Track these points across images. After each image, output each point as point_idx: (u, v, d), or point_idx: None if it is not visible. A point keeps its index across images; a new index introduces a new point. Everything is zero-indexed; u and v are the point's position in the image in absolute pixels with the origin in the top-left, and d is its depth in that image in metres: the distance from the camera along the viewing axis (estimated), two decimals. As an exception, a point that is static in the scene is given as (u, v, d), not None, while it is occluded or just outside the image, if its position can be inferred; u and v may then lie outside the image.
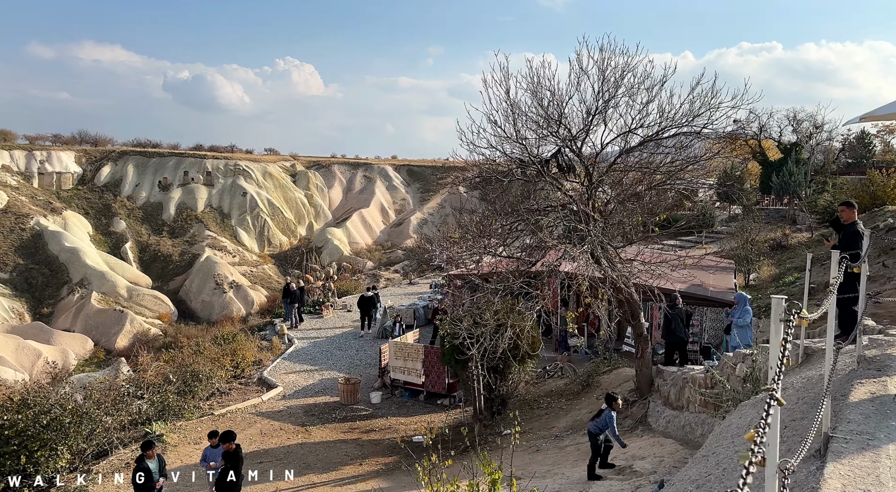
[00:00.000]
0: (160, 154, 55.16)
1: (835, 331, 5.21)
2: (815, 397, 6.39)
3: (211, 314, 45.49)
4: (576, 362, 18.70)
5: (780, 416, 6.53)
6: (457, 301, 12.54)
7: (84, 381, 22.93)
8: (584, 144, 13.03)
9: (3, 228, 44.65)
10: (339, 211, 56.19)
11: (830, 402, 4.59)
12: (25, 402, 11.86)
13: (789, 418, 6.10)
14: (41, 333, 41.26)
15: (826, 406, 4.41)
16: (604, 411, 9.53)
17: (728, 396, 9.03)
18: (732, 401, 9.02)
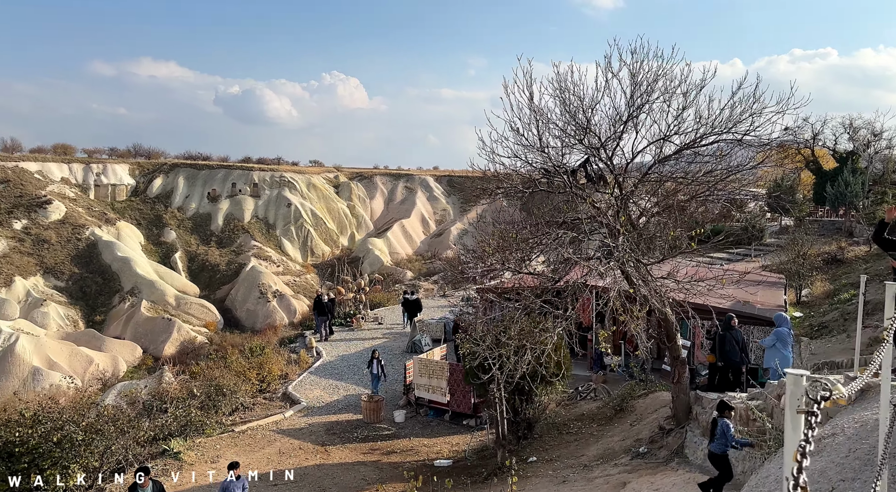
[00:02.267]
0: (209, 166, 56.08)
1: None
2: (869, 451, 5.31)
3: (255, 323, 45.70)
4: (611, 383, 17.54)
5: (828, 471, 5.44)
6: (476, 318, 11.68)
7: (128, 388, 22.96)
8: (615, 152, 12.06)
9: (60, 238, 45.92)
10: (381, 221, 55.96)
11: (888, 474, 3.59)
12: (37, 418, 11.54)
13: (838, 477, 5.05)
14: (93, 340, 42.12)
15: (883, 482, 3.42)
16: (718, 422, 8.33)
17: (771, 435, 7.93)
18: (775, 441, 7.91)
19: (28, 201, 46.62)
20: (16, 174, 47.91)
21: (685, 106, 11.48)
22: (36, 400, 30.21)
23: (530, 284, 11.68)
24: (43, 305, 42.41)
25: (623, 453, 12.62)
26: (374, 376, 17.20)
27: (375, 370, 17.17)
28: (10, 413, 15.49)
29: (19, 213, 45.70)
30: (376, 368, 17.21)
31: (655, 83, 11.62)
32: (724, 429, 8.05)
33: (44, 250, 45.02)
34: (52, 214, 46.82)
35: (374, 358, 17.44)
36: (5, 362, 36.71)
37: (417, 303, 23.21)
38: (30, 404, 12.91)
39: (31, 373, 36.87)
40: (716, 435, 8.25)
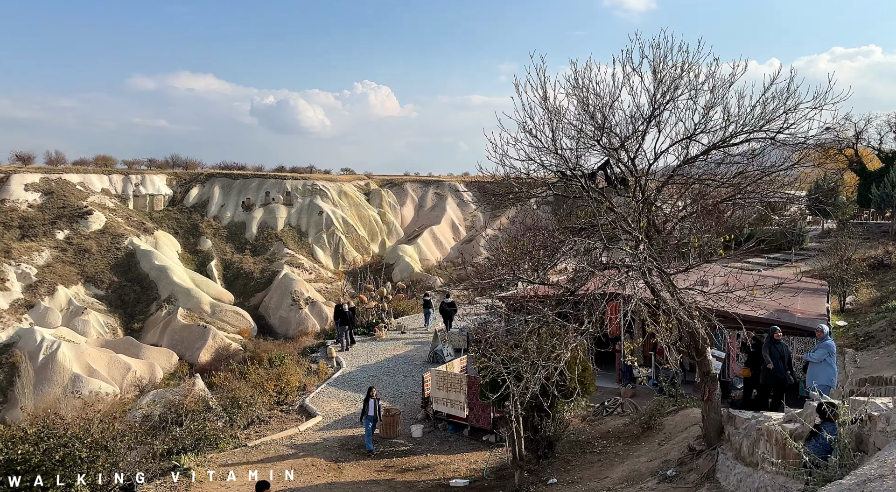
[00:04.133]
0: (244, 176, 56.50)
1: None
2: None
3: (288, 330, 45.66)
4: (641, 397, 16.48)
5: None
6: (486, 330, 10.87)
7: (161, 396, 22.78)
8: (637, 153, 11.12)
9: (100, 248, 46.67)
10: (411, 228, 55.51)
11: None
12: (39, 435, 11.15)
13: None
14: (131, 347, 42.57)
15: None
16: (820, 430, 6.98)
17: (806, 473, 6.90)
18: (814, 477, 6.89)
19: (70, 212, 47.56)
20: (59, 186, 48.96)
21: (713, 103, 10.49)
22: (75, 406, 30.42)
23: (547, 295, 10.82)
24: (84, 314, 43.06)
25: (650, 476, 11.61)
26: (370, 418, 14.49)
27: (371, 411, 14.47)
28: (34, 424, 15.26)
29: (62, 223, 46.61)
30: (373, 408, 14.46)
31: (680, 79, 10.67)
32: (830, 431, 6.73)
33: (85, 260, 45.80)
34: (93, 225, 47.65)
35: (370, 396, 14.60)
36: (47, 369, 37.29)
37: (453, 307, 22.86)
38: (35, 419, 12.57)
39: (72, 380, 37.38)
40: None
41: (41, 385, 36.40)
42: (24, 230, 45.16)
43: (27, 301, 41.43)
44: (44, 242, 44.95)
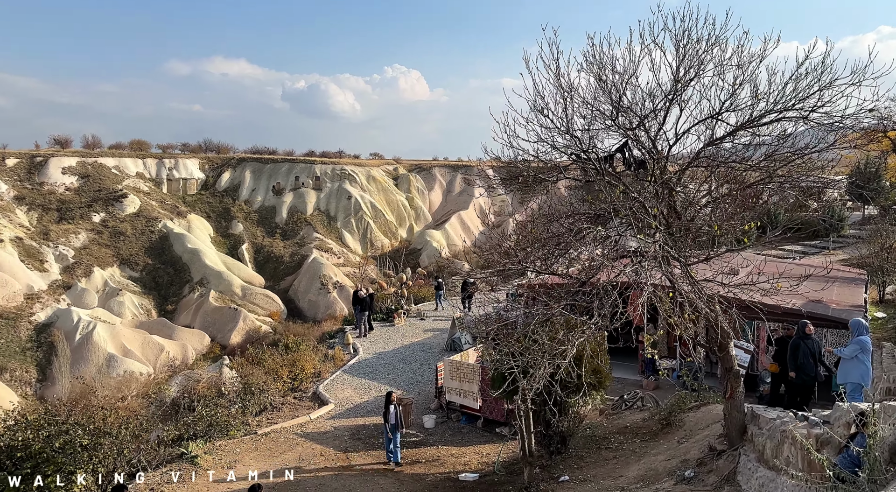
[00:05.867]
0: (274, 160, 56.57)
1: None
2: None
3: (317, 313, 45.70)
4: (663, 390, 15.68)
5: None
6: (488, 320, 10.22)
7: (190, 377, 22.83)
8: (659, 134, 10.27)
9: (135, 231, 47.29)
10: (439, 213, 54.91)
11: None
12: (40, 422, 10.96)
13: None
14: (165, 328, 43.15)
15: None
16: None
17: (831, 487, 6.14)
18: None
19: (106, 195, 48.24)
20: (95, 169, 49.67)
21: (742, 80, 9.56)
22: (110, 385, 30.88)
23: (557, 285, 10.13)
24: (119, 295, 43.76)
25: (667, 476, 10.89)
26: (392, 426, 12.93)
27: (393, 419, 12.93)
28: (84, 400, 15.18)
29: (98, 206, 47.33)
30: (394, 415, 12.94)
31: (706, 54, 9.76)
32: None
33: (120, 242, 46.47)
34: (128, 208, 48.28)
35: (390, 401, 13.05)
36: (83, 349, 38.00)
37: (472, 286, 22.35)
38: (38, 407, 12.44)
39: (107, 360, 38.02)
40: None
41: (77, 364, 37.12)
42: (62, 213, 45.98)
43: (65, 282, 42.24)
44: (80, 225, 45.71)
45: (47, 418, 11.14)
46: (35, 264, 41.86)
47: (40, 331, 38.41)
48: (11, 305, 38.52)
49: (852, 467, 6.14)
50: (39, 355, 37.63)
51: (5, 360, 35.82)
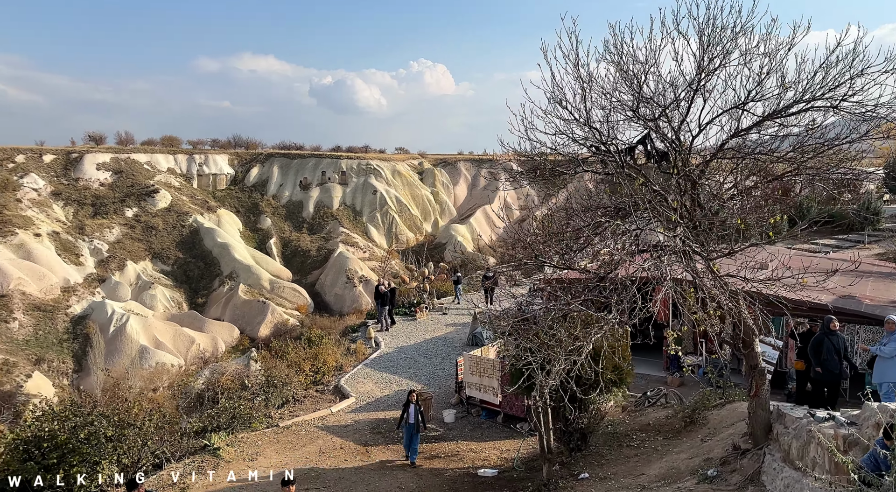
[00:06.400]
0: (301, 156, 56.96)
1: None
2: None
3: (343, 307, 45.96)
4: (689, 387, 15.35)
5: None
6: (506, 315, 10.06)
7: (216, 369, 23.16)
8: (682, 125, 9.97)
9: (166, 225, 48.09)
10: (464, 207, 54.71)
11: None
12: (65, 413, 11.16)
13: None
14: (196, 321, 43.84)
15: None
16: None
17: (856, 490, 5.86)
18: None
19: (138, 191, 49.13)
20: (128, 165, 50.62)
21: (769, 69, 9.20)
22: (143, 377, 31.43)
23: (574, 280, 9.92)
24: (151, 288, 44.55)
25: (689, 475, 10.63)
26: (411, 425, 12.71)
27: (413, 418, 12.69)
28: (116, 392, 15.47)
29: (131, 201, 48.22)
30: (414, 414, 12.70)
31: (732, 43, 9.43)
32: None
33: (152, 236, 47.29)
34: (160, 203, 49.08)
35: (410, 401, 12.88)
36: (117, 341, 38.79)
37: (495, 282, 22.17)
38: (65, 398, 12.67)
39: (140, 351, 38.75)
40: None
41: (112, 356, 37.92)
42: (97, 208, 46.98)
43: (99, 275, 43.18)
44: (114, 219, 46.65)
45: (73, 409, 11.34)
46: (71, 258, 42.86)
47: (76, 323, 39.33)
48: (49, 298, 39.51)
49: (877, 469, 5.86)
50: (75, 347, 38.52)
51: (43, 351, 36.77)
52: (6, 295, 37.51)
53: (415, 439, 12.83)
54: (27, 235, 41.64)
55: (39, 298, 38.85)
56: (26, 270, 39.19)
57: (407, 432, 12.82)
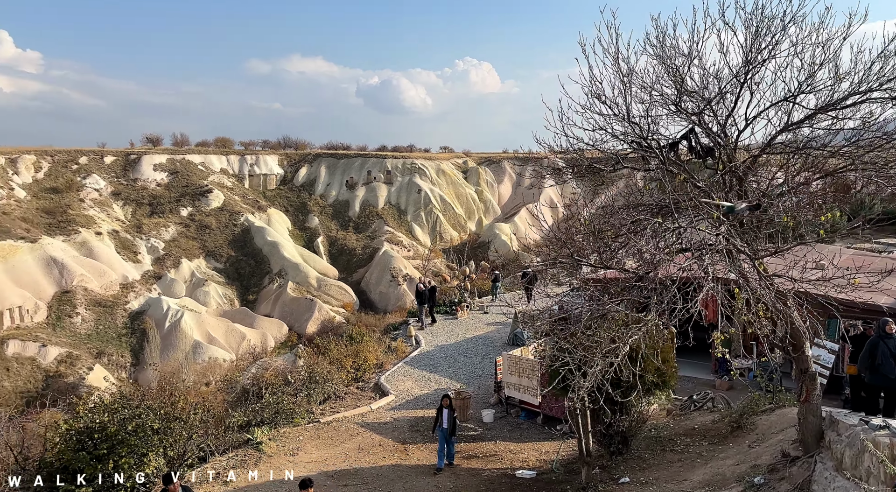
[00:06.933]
0: (348, 156, 57.68)
1: None
2: None
3: (387, 305, 46.33)
4: (737, 391, 14.76)
5: None
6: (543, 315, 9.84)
7: (263, 365, 23.65)
8: (728, 119, 9.57)
9: (219, 224, 49.43)
10: (508, 206, 54.34)
11: None
12: (114, 405, 11.52)
13: None
14: (247, 317, 44.94)
15: None
16: None
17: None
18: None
19: (193, 190, 50.65)
20: (183, 166, 52.23)
21: (822, 59, 8.73)
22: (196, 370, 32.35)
23: (613, 279, 9.64)
24: (204, 285, 45.88)
25: (735, 482, 10.19)
26: (444, 430, 12.37)
27: (445, 423, 12.32)
28: (171, 385, 15.95)
29: (185, 201, 49.75)
30: (447, 419, 12.30)
31: (782, 32, 9.00)
32: None
33: (205, 235, 48.70)
34: (213, 202, 50.48)
35: (443, 406, 12.48)
36: (172, 336, 40.10)
37: (534, 279, 21.80)
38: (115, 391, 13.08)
39: (193, 346, 39.95)
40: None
41: (167, 350, 39.24)
42: (153, 207, 48.66)
43: (156, 273, 44.71)
44: (170, 219, 48.23)
45: (122, 402, 11.69)
46: (129, 256, 44.53)
47: (134, 318, 40.84)
48: (109, 294, 41.14)
49: None
50: (133, 341, 40.00)
51: (104, 345, 38.33)
52: (70, 291, 39.25)
53: (449, 444, 12.54)
54: (89, 233, 43.48)
55: (100, 294, 40.50)
56: (88, 267, 40.92)
57: (441, 437, 12.54)
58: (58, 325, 37.31)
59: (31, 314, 36.66)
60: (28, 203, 43.78)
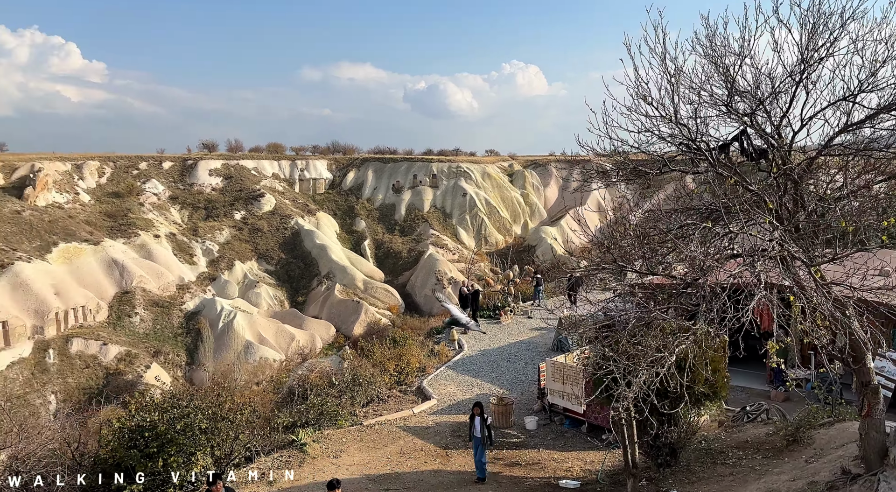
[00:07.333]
0: (394, 160, 58.11)
1: None
2: None
3: (432, 308, 46.35)
4: (793, 404, 14.07)
5: None
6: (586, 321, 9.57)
7: (311, 366, 24.00)
8: (782, 119, 9.12)
9: (270, 227, 50.49)
10: (555, 209, 53.65)
11: None
12: (164, 405, 11.78)
13: None
14: (296, 318, 45.71)
15: None
16: None
17: None
18: None
19: (246, 195, 51.91)
20: (237, 171, 53.62)
21: (885, 56, 8.23)
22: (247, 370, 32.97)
23: (660, 285, 9.32)
24: (256, 287, 46.90)
25: (791, 500, 9.69)
26: (476, 439, 11.94)
27: (478, 432, 11.87)
28: (222, 385, 16.32)
29: (239, 205, 51.02)
30: (479, 428, 11.86)
31: (841, 29, 8.55)
32: None
33: (257, 238, 49.80)
34: (265, 206, 51.60)
35: (474, 414, 12.05)
36: (225, 336, 41.11)
37: (578, 281, 21.34)
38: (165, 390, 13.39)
39: (245, 347, 40.83)
40: None
41: (220, 350, 40.23)
42: (209, 211, 50.09)
43: (210, 274, 45.96)
44: (224, 222, 49.54)
45: (172, 401, 11.94)
46: (185, 258, 45.93)
47: (189, 318, 42.04)
48: (166, 295, 42.50)
49: None
50: (188, 341, 41.15)
51: (160, 344, 39.59)
52: (130, 291, 40.73)
53: (481, 454, 12.01)
54: (148, 236, 45.06)
55: (158, 294, 41.87)
56: (147, 268, 42.38)
57: (474, 446, 12.10)
58: (118, 324, 38.75)
59: (93, 314, 38.19)
60: (92, 207, 45.69)
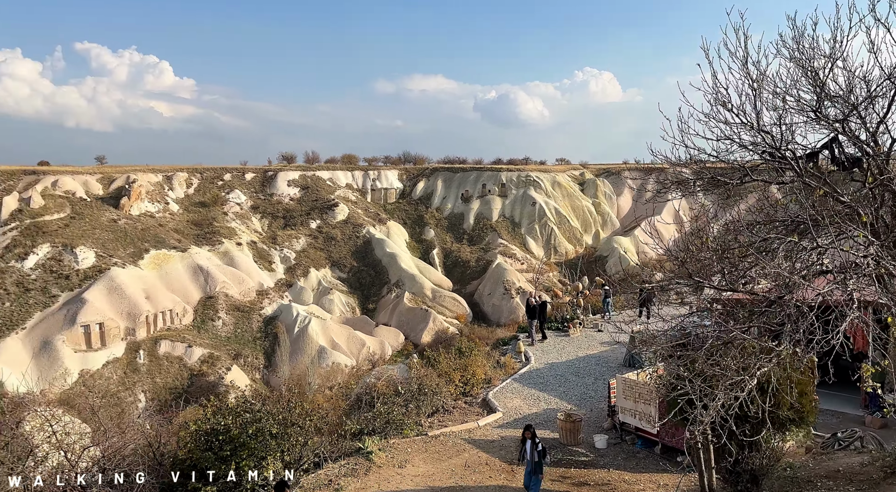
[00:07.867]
0: (463, 169, 58.23)
1: None
2: None
3: (500, 318, 45.96)
4: (892, 431, 12.87)
5: None
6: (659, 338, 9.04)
7: (382, 373, 24.22)
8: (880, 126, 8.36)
9: (343, 236, 51.63)
10: (628, 219, 52.10)
11: None
12: (237, 409, 12.03)
13: None
14: (366, 325, 46.42)
15: None
16: None
17: None
18: None
19: (321, 205, 53.33)
20: (313, 181, 55.20)
21: None
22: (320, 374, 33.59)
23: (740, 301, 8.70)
24: (330, 293, 47.98)
25: (890, 540, 8.78)
26: (529, 462, 11.12)
27: (529, 455, 11.06)
28: (298, 389, 16.70)
29: (314, 214, 52.46)
30: (530, 451, 11.04)
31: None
32: None
33: (331, 246, 51.01)
34: (338, 215, 52.84)
35: (525, 437, 11.26)
36: (300, 341, 42.21)
37: (650, 297, 20.53)
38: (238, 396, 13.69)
39: (318, 352, 41.77)
40: None
41: (295, 355, 41.33)
42: (287, 220, 51.76)
43: (287, 281, 47.39)
44: (301, 231, 51.05)
45: (244, 406, 12.20)
46: (265, 265, 47.58)
47: (267, 323, 43.46)
48: (247, 300, 44.14)
49: None
50: (266, 345, 42.52)
51: (240, 347, 41.09)
52: (213, 296, 42.57)
53: (535, 483, 11.10)
54: (231, 244, 47.02)
55: (239, 299, 43.54)
56: (229, 274, 44.19)
57: (526, 471, 11.28)
58: (202, 327, 40.50)
59: (180, 317, 40.11)
60: (180, 216, 48.16)
